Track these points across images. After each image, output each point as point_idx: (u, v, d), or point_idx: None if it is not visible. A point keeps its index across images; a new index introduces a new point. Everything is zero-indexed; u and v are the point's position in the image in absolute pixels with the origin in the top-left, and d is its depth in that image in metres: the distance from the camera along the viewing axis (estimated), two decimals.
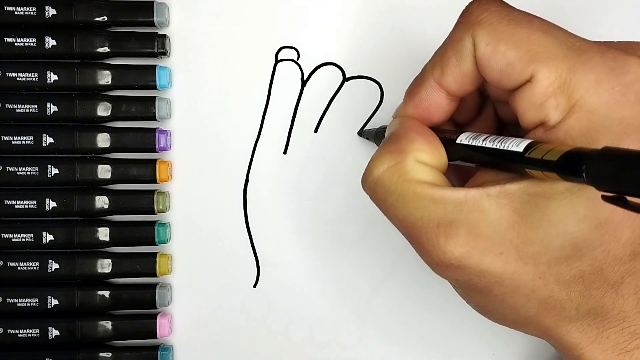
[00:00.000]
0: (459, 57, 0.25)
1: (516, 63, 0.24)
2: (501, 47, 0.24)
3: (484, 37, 0.24)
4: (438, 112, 0.27)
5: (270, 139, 0.36)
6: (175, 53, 0.35)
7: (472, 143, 0.25)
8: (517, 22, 0.24)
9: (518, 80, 0.24)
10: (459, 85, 0.26)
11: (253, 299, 0.36)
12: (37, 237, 0.34)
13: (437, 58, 0.26)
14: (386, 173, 0.25)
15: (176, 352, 0.36)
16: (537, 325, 0.26)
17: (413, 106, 0.27)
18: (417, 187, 0.25)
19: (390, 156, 0.26)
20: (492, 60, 0.24)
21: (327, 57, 0.35)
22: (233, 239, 0.36)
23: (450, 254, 0.24)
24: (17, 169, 0.34)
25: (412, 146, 0.26)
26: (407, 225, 0.25)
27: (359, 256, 0.36)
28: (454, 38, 0.25)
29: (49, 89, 0.34)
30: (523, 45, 0.24)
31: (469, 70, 0.25)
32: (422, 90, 0.27)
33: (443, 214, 0.24)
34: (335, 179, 0.36)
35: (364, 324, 0.36)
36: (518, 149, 0.23)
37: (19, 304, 0.34)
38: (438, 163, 0.26)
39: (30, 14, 0.34)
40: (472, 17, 0.25)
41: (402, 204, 0.25)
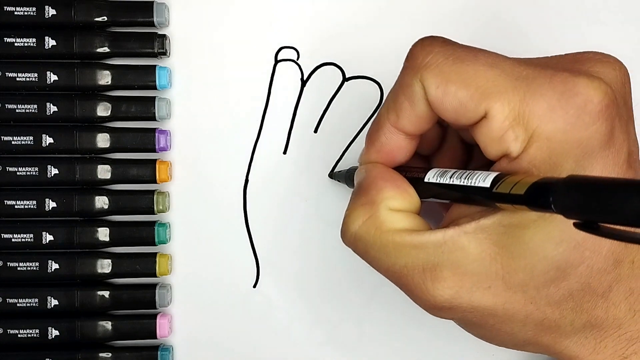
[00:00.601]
0: (411, 102, 0.25)
1: (468, 102, 0.24)
2: (451, 88, 0.24)
3: (432, 80, 0.24)
4: (400, 153, 0.27)
5: (270, 139, 0.36)
6: (175, 53, 0.35)
7: (439, 181, 0.26)
8: (461, 60, 0.24)
9: (473, 117, 0.24)
10: (415, 126, 0.26)
11: (253, 299, 0.36)
12: (37, 237, 0.34)
13: (391, 103, 0.26)
14: (362, 227, 0.26)
15: (176, 352, 0.36)
16: (535, 344, 0.26)
17: (375, 151, 0.28)
18: (395, 237, 0.25)
19: (363, 209, 0.26)
20: (444, 102, 0.24)
21: (327, 57, 0.35)
22: (233, 239, 0.36)
23: (440, 297, 0.24)
24: (17, 169, 0.34)
25: (382, 195, 0.26)
26: (393, 274, 0.25)
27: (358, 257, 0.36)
28: (404, 83, 0.25)
29: (48, 89, 0.34)
30: (471, 83, 0.24)
31: (422, 112, 0.25)
32: (382, 135, 0.27)
33: (426, 258, 0.24)
34: (335, 179, 0.35)
35: (364, 324, 0.36)
36: (485, 184, 0.23)
37: (18, 304, 0.34)
38: (410, 205, 0.26)
39: (30, 14, 0.34)
40: (417, 61, 0.25)
41: (384, 255, 0.25)
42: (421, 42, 0.25)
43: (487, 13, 0.35)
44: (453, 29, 0.35)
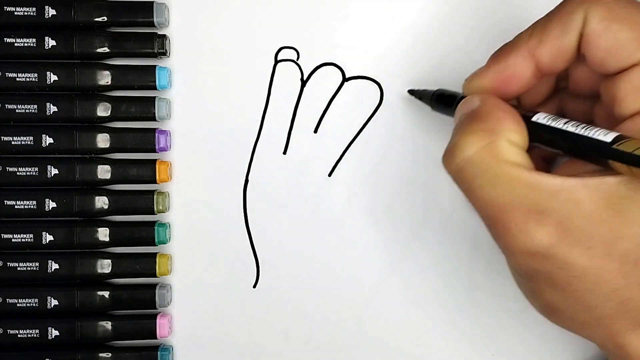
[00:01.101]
0: (564, 30, 0.25)
1: (627, 44, 0.23)
2: (614, 25, 0.23)
3: (598, 13, 0.24)
4: (517, 84, 0.26)
5: (270, 139, 0.36)
6: (175, 53, 0.35)
7: (551, 124, 0.25)
8: (634, 6, 0.24)
9: (625, 62, 0.23)
10: (552, 59, 0.25)
11: (253, 299, 0.36)
12: (37, 237, 0.34)
13: (537, 28, 0.25)
14: (478, 153, 0.24)
15: (176, 352, 0.36)
16: (606, 327, 0.25)
17: (496, 71, 0.26)
18: (512, 170, 0.24)
19: (481, 136, 0.25)
20: (601, 38, 0.24)
21: (327, 57, 0.35)
22: (233, 239, 0.36)
23: (539, 241, 0.23)
24: (17, 169, 0.34)
25: (503, 126, 0.25)
26: (494, 207, 0.24)
27: (358, 257, 0.36)
28: (564, 10, 0.25)
29: (48, 89, 0.34)
30: (637, 27, 0.23)
31: (569, 45, 0.25)
32: (511, 57, 0.26)
33: (536, 200, 0.23)
34: (335, 179, 0.36)
35: (364, 324, 0.36)
36: (605, 138, 0.22)
37: (18, 304, 0.34)
38: (525, 145, 0.25)
39: (30, 14, 0.34)
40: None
41: (492, 185, 0.24)
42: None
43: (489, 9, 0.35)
44: (453, 28, 0.35)
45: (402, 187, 0.35)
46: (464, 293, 0.36)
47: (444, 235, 0.35)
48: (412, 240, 0.35)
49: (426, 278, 0.36)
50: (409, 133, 0.35)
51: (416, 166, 0.35)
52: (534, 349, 0.36)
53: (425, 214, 0.35)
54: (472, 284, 0.35)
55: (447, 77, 0.35)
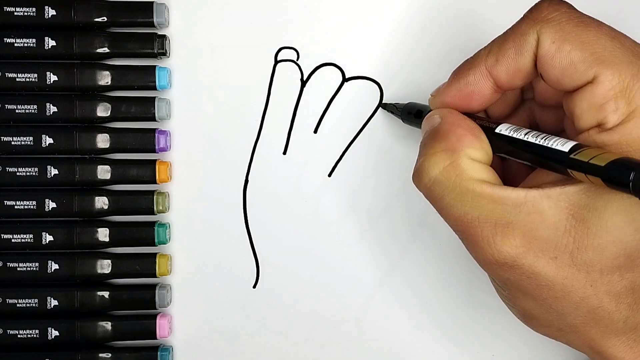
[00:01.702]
0: (519, 50, 0.25)
1: (580, 64, 0.24)
2: (566, 46, 0.24)
3: (550, 34, 0.24)
4: (479, 100, 0.27)
5: (270, 140, 0.36)
6: (175, 54, 0.35)
7: (513, 135, 0.25)
8: (585, 25, 0.24)
9: (579, 81, 0.24)
10: (510, 77, 0.26)
11: (253, 299, 0.36)
12: (37, 237, 0.34)
13: (495, 47, 0.26)
14: (443, 173, 0.26)
15: (176, 352, 0.36)
16: (582, 334, 0.26)
17: (457, 89, 0.27)
18: (475, 186, 0.25)
19: (443, 155, 0.26)
20: (555, 59, 0.24)
21: (327, 57, 0.35)
22: (233, 239, 0.36)
23: (505, 253, 0.24)
24: (17, 169, 0.34)
25: (462, 143, 0.26)
26: (462, 223, 0.25)
27: (358, 257, 0.36)
28: (518, 31, 0.25)
29: (48, 89, 0.34)
30: (589, 47, 0.24)
31: (524, 65, 0.25)
32: (471, 75, 0.27)
33: (501, 214, 0.24)
34: (335, 179, 0.36)
35: (363, 324, 0.36)
36: (563, 148, 0.23)
37: (18, 304, 0.34)
38: (486, 158, 0.26)
39: (29, 15, 0.34)
40: (541, 14, 0.25)
41: (459, 202, 0.25)
42: (549, 0, 0.26)
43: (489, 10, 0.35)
44: (453, 29, 0.35)
45: (401, 187, 0.35)
46: (463, 293, 0.36)
47: (443, 235, 0.35)
48: (412, 240, 0.36)
49: (425, 278, 0.36)
50: (409, 133, 0.35)
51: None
52: (533, 350, 0.36)
53: (425, 214, 0.35)
54: (471, 284, 0.35)
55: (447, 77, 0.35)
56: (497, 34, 0.35)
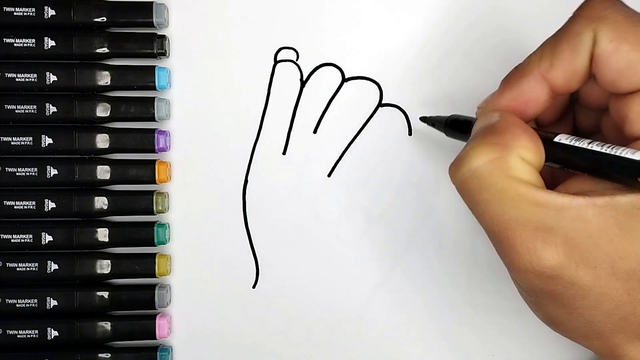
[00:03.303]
0: (574, 51, 0.24)
1: (639, 66, 0.23)
2: (624, 46, 0.23)
3: (607, 33, 0.23)
4: (534, 107, 0.26)
5: (270, 140, 0.36)
6: (175, 54, 0.35)
7: (575, 144, 0.24)
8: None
9: (637, 84, 0.23)
10: (566, 81, 0.25)
11: (252, 299, 0.36)
12: (36, 237, 0.34)
13: (547, 50, 0.25)
14: (486, 166, 0.24)
15: (175, 353, 0.36)
16: (606, 340, 0.25)
17: (511, 98, 0.26)
18: (519, 186, 0.23)
19: (493, 148, 0.24)
20: (612, 59, 0.23)
21: (326, 57, 0.35)
22: (232, 239, 0.36)
23: (545, 262, 0.23)
24: (16, 169, 0.34)
25: (518, 142, 0.24)
26: (498, 223, 0.24)
27: (358, 257, 0.36)
28: (572, 31, 0.24)
29: (48, 89, 0.34)
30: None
31: (581, 66, 0.24)
32: (525, 82, 0.25)
33: (542, 219, 0.23)
34: (334, 179, 0.36)
35: (363, 324, 0.36)
36: (634, 157, 0.22)
37: (18, 304, 0.34)
38: (539, 163, 0.25)
39: (29, 15, 0.34)
40: (595, 12, 0.24)
41: (498, 200, 0.24)
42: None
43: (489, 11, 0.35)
44: (453, 28, 0.35)
45: (401, 187, 0.35)
46: (462, 293, 0.36)
47: (442, 235, 0.35)
48: (411, 241, 0.36)
49: (425, 278, 0.36)
50: (408, 134, 0.35)
51: (415, 167, 0.35)
52: (533, 350, 0.36)
53: (425, 214, 0.35)
54: (471, 285, 0.35)
55: (447, 77, 0.35)
56: (496, 35, 0.35)
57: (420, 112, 0.35)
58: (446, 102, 0.35)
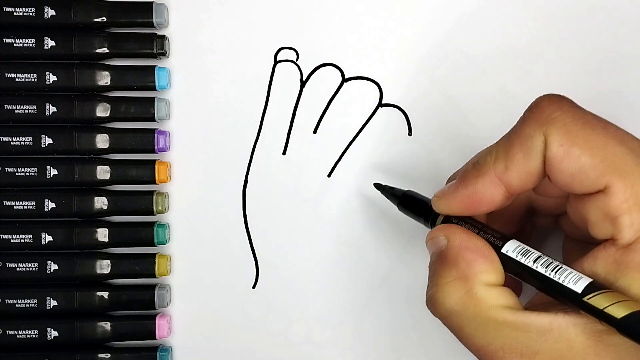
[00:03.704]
0: (527, 155, 0.24)
1: (590, 170, 0.23)
2: (575, 150, 0.23)
3: (557, 137, 0.23)
4: (489, 205, 0.26)
5: (270, 140, 0.36)
6: (175, 54, 0.35)
7: (521, 260, 0.24)
8: (591, 127, 0.23)
9: (590, 188, 0.23)
10: (522, 182, 0.25)
11: (252, 299, 0.36)
12: (36, 238, 0.34)
13: (501, 152, 0.25)
14: (459, 304, 0.25)
15: (175, 353, 0.36)
16: None
17: (465, 195, 0.26)
18: (497, 315, 0.24)
19: (457, 284, 0.25)
20: (563, 163, 0.23)
21: (326, 57, 0.35)
22: (232, 239, 0.36)
23: None
24: (16, 169, 0.34)
25: (474, 269, 0.25)
26: (487, 353, 0.24)
27: (358, 257, 0.36)
28: (523, 134, 0.24)
29: (48, 89, 0.34)
30: (598, 152, 0.23)
31: (535, 168, 0.24)
32: (480, 183, 0.25)
33: (526, 343, 0.23)
34: (334, 179, 0.36)
35: (363, 324, 0.36)
36: (576, 288, 0.22)
37: (17, 304, 0.34)
38: (501, 279, 0.25)
39: (29, 15, 0.34)
40: (544, 114, 0.24)
41: (481, 333, 0.24)
42: (549, 97, 0.25)
43: (488, 10, 0.35)
44: (452, 28, 0.35)
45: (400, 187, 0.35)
46: None
47: None
48: (411, 241, 0.35)
49: (425, 278, 0.35)
50: (408, 134, 0.35)
51: (415, 167, 0.35)
52: None
53: None
54: None
55: (447, 77, 0.35)
56: (496, 35, 0.35)
57: (420, 112, 0.35)
58: (446, 102, 0.35)
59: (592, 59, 0.35)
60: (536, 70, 0.35)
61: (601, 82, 0.35)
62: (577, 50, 0.35)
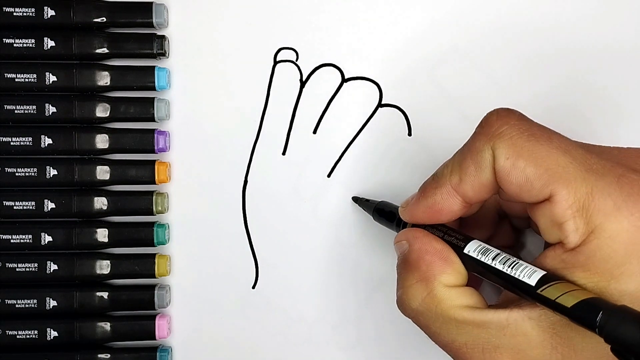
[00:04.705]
0: (478, 167, 0.26)
1: (535, 180, 0.24)
2: (520, 162, 0.24)
3: (503, 150, 0.25)
4: (448, 215, 0.27)
5: (269, 140, 0.36)
6: (174, 54, 0.35)
7: (480, 259, 0.26)
8: (536, 139, 0.24)
9: (536, 197, 0.24)
10: (476, 193, 0.26)
11: (252, 300, 0.36)
12: (36, 238, 0.34)
13: (455, 165, 0.27)
14: (422, 305, 0.26)
15: (175, 353, 0.36)
16: None
17: (426, 206, 0.28)
18: (456, 314, 0.25)
19: (419, 287, 0.27)
20: (511, 175, 0.24)
21: (326, 58, 0.35)
22: (232, 240, 0.36)
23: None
24: (16, 170, 0.34)
25: (433, 271, 0.26)
26: (452, 349, 0.26)
27: (357, 257, 0.36)
28: (473, 148, 0.26)
29: (47, 90, 0.34)
30: (542, 163, 0.24)
31: (487, 180, 0.26)
32: (438, 194, 0.27)
33: (487, 339, 0.25)
34: (334, 180, 0.36)
35: (363, 324, 0.36)
36: (530, 281, 0.23)
37: (17, 305, 0.34)
38: (462, 279, 0.27)
39: (29, 15, 0.34)
40: (491, 129, 0.25)
41: (445, 331, 0.26)
42: (497, 112, 0.26)
43: (488, 10, 0.35)
44: (452, 29, 0.35)
45: (400, 187, 0.35)
46: None
47: None
48: None
49: None
50: (407, 136, 0.35)
51: (415, 167, 0.35)
52: None
53: None
54: None
55: (447, 77, 0.35)
56: (496, 35, 0.35)
57: (420, 112, 0.35)
58: (446, 103, 0.35)
59: (592, 58, 0.35)
60: (536, 70, 0.35)
61: (601, 82, 0.35)
62: (577, 50, 0.35)
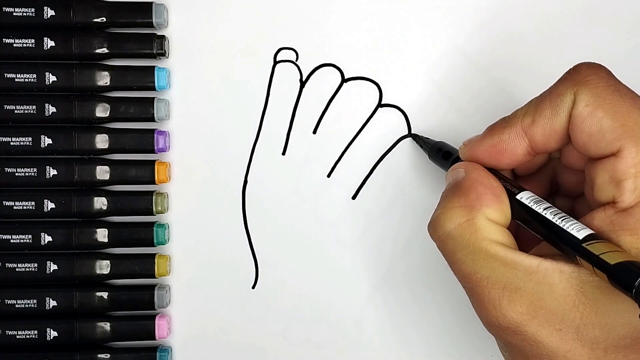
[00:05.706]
0: (555, 111, 0.25)
1: (608, 132, 0.24)
2: (599, 112, 0.24)
3: (585, 97, 0.25)
4: (509, 159, 0.27)
5: (269, 140, 0.36)
6: (174, 54, 0.35)
7: (532, 206, 0.26)
8: (620, 94, 0.24)
9: (604, 150, 0.24)
10: (545, 139, 0.26)
11: (252, 300, 0.36)
12: (36, 238, 0.34)
13: (532, 107, 0.26)
14: (458, 229, 0.26)
15: (175, 353, 0.36)
16: None
17: (490, 144, 0.27)
18: (489, 247, 0.25)
19: (461, 211, 0.26)
20: (585, 122, 0.24)
21: (326, 58, 0.35)
22: (232, 240, 0.36)
23: (510, 318, 0.25)
24: (16, 170, 0.34)
25: (482, 202, 0.26)
26: (472, 281, 0.26)
27: (357, 257, 0.36)
28: (555, 91, 0.26)
29: (47, 90, 0.34)
30: (620, 117, 0.24)
31: (560, 126, 0.25)
32: (506, 133, 0.27)
33: (511, 279, 0.25)
34: (334, 180, 0.36)
35: (363, 324, 0.36)
36: (578, 235, 0.23)
37: (17, 305, 0.34)
38: (504, 220, 0.26)
39: (28, 15, 0.34)
40: (579, 76, 0.25)
41: (471, 260, 0.25)
42: (588, 63, 0.26)
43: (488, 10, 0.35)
44: (452, 29, 0.35)
45: (400, 188, 0.35)
46: (462, 293, 0.35)
47: None
48: (411, 241, 0.35)
49: (424, 278, 0.36)
50: (408, 134, 0.35)
51: (415, 167, 0.35)
52: None
53: (424, 214, 0.35)
54: None
55: (447, 77, 0.35)
56: (496, 35, 0.35)
57: (419, 112, 0.35)
58: (446, 103, 0.35)
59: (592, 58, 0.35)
60: (536, 70, 0.35)
61: None
62: (577, 50, 0.35)
